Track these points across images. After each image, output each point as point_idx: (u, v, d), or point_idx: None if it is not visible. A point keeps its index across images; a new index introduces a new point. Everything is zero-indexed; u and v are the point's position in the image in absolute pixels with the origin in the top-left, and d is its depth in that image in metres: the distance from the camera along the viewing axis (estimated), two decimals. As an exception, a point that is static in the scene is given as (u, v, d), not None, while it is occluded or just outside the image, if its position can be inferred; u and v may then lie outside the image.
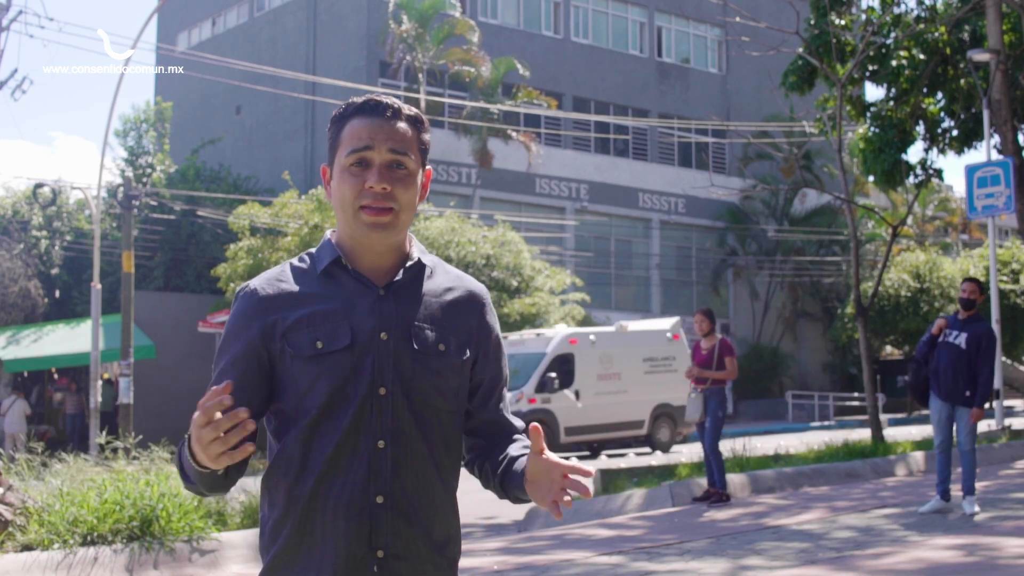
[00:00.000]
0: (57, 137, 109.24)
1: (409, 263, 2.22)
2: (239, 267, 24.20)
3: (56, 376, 30.30)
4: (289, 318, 2.15)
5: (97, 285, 21.80)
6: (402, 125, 2.19)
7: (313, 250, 2.27)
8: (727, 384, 11.17)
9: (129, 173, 30.52)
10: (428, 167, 2.27)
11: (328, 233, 2.28)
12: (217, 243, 29.88)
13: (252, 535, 8.32)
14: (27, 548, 7.41)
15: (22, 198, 32.90)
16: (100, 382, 22.23)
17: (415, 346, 2.16)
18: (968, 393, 8.82)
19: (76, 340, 26.16)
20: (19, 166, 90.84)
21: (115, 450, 9.06)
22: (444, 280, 2.27)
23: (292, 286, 2.18)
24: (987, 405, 16.06)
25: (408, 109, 2.22)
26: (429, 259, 2.27)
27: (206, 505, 8.49)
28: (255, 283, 2.21)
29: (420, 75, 31.01)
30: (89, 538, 7.49)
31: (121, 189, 22.79)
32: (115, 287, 28.93)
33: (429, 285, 2.24)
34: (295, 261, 2.25)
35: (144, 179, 31.92)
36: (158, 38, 40.99)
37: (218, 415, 1.88)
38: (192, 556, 7.74)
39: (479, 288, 2.31)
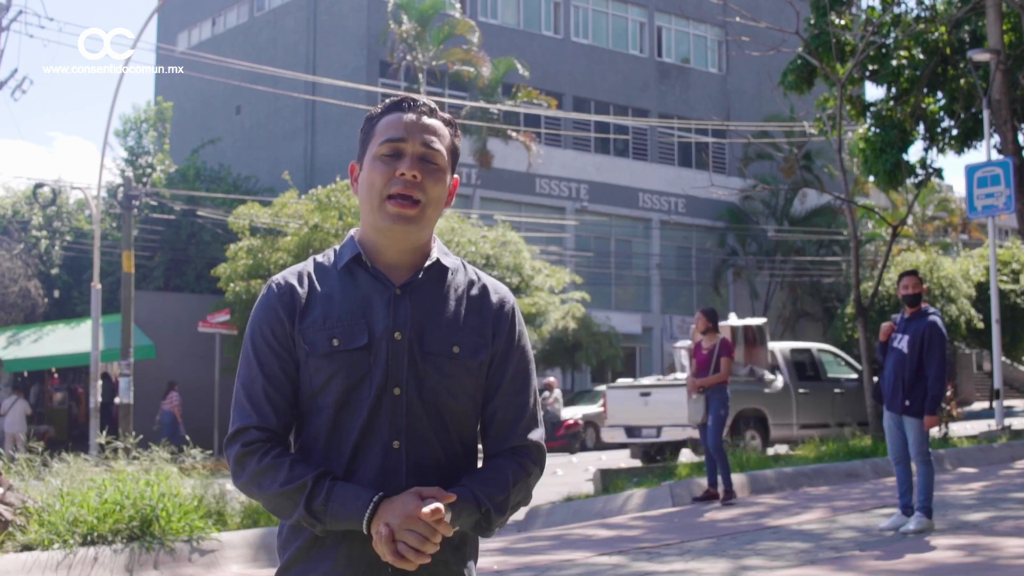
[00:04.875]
0: (56, 137, 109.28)
1: (428, 263, 2.21)
2: (239, 267, 24.18)
3: (56, 376, 30.31)
4: (307, 314, 2.15)
5: (97, 285, 21.79)
6: (437, 123, 2.21)
7: (338, 246, 2.28)
8: (729, 383, 11.16)
9: (129, 173, 30.51)
10: (456, 176, 2.27)
11: (352, 231, 2.28)
12: (217, 243, 29.87)
13: (252, 535, 8.32)
14: (27, 548, 7.41)
15: (22, 198, 32.90)
16: (100, 382, 22.24)
17: (426, 347, 2.15)
18: (908, 402, 8.15)
19: (76, 340, 26.15)
20: (19, 166, 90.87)
21: (115, 450, 9.05)
22: (466, 282, 2.25)
23: (313, 282, 2.19)
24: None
25: (443, 112, 2.25)
26: (451, 260, 2.25)
27: (206, 505, 8.49)
28: (278, 277, 2.23)
29: (420, 75, 31.01)
30: (89, 538, 7.49)
31: (121, 189, 22.78)
32: (115, 287, 28.93)
33: (449, 286, 2.22)
34: (319, 257, 2.26)
35: (144, 179, 31.90)
36: (158, 38, 41.00)
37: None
38: (192, 556, 7.74)
39: (503, 291, 2.28)
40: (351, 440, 2.11)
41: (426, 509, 1.99)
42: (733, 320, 17.55)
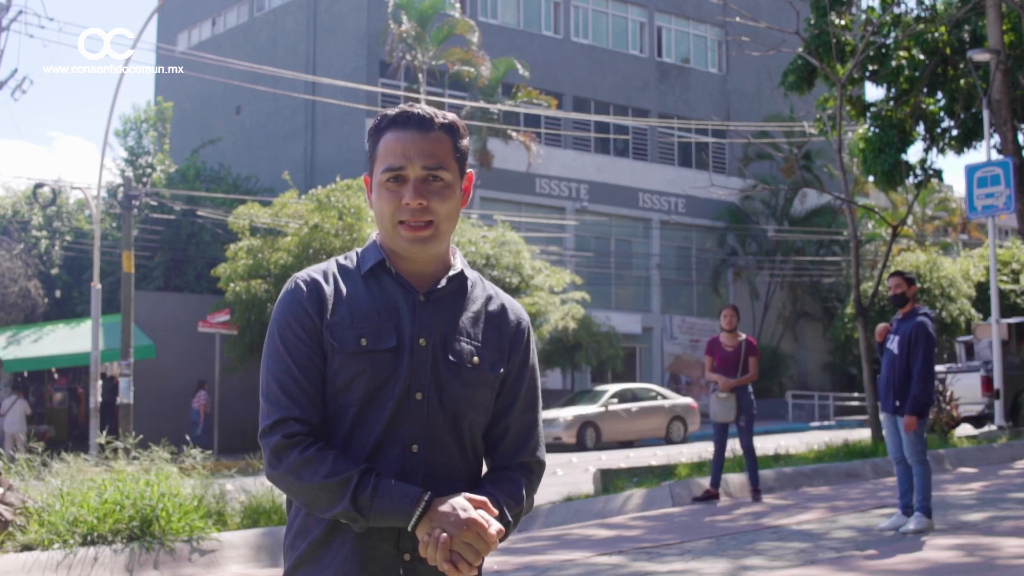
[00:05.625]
0: (56, 137, 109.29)
1: (452, 272, 2.24)
2: (239, 267, 24.17)
3: (56, 376, 30.31)
4: (334, 312, 2.16)
5: (97, 285, 21.79)
6: (436, 136, 2.19)
7: (359, 249, 2.29)
8: None
9: (129, 173, 30.52)
10: (469, 170, 2.27)
11: (374, 234, 2.29)
12: (217, 243, 29.87)
13: (252, 535, 8.32)
14: (27, 548, 7.41)
15: (22, 198, 32.90)
16: (100, 382, 22.24)
17: (450, 357, 2.17)
18: (898, 403, 8.24)
19: (76, 340, 26.15)
20: (19, 166, 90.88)
21: (115, 450, 9.05)
22: (484, 296, 2.28)
23: (338, 281, 2.21)
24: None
25: (442, 117, 2.21)
26: (472, 273, 2.28)
27: (206, 505, 8.49)
28: (303, 274, 2.23)
29: (420, 75, 31.01)
30: (89, 538, 7.49)
31: (121, 189, 22.78)
32: (115, 287, 28.93)
33: (470, 298, 2.25)
34: (340, 259, 2.27)
35: (144, 179, 31.91)
36: (158, 38, 41.00)
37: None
38: (192, 556, 7.74)
39: (520, 310, 2.32)
40: (371, 441, 2.13)
41: (492, 530, 2.02)
42: (1013, 319, 21.39)
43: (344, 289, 2.19)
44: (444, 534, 2.00)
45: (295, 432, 2.09)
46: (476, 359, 2.20)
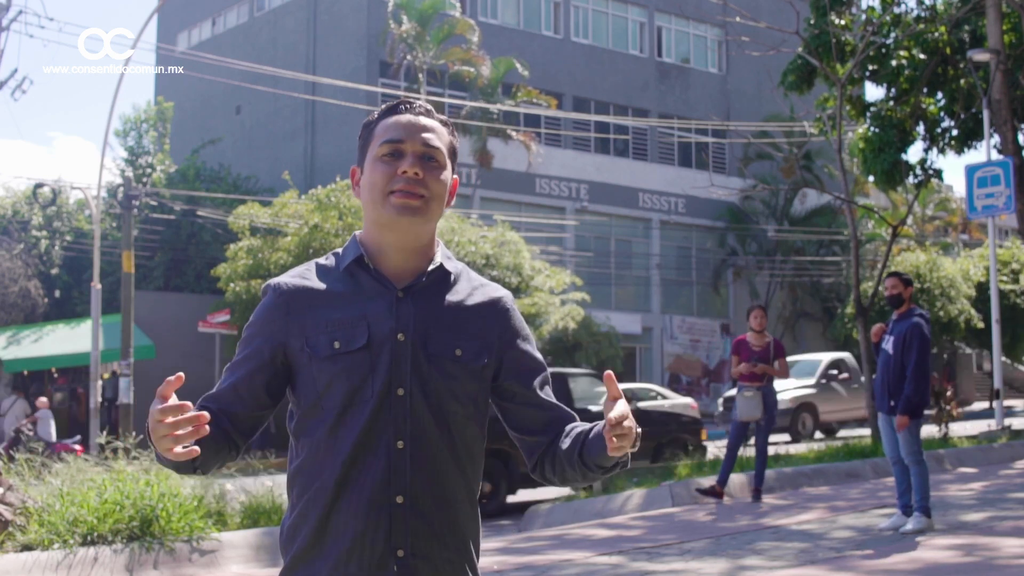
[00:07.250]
0: (56, 137, 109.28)
1: (432, 267, 2.24)
2: (239, 267, 24.17)
3: (56, 376, 30.31)
4: (309, 317, 2.18)
5: (97, 285, 21.80)
6: (434, 123, 2.26)
7: (340, 249, 2.30)
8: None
9: (129, 173, 30.53)
10: (455, 176, 2.30)
11: (356, 233, 2.30)
12: (217, 243, 29.87)
13: (252, 535, 8.33)
14: (27, 548, 7.41)
15: (22, 198, 32.91)
16: (100, 382, 22.24)
17: (430, 349, 2.17)
18: (893, 403, 8.26)
19: (76, 340, 26.16)
20: (19, 166, 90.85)
21: (115, 450, 9.05)
22: (467, 286, 2.28)
23: (315, 284, 2.22)
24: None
25: (438, 114, 2.30)
26: (453, 265, 2.28)
27: (206, 505, 8.49)
28: (280, 279, 2.25)
29: (420, 75, 31.01)
30: (89, 538, 7.49)
31: (121, 189, 22.78)
32: (115, 287, 28.93)
33: (451, 290, 2.25)
34: (322, 260, 2.29)
35: (144, 179, 31.91)
36: (158, 38, 40.99)
37: (170, 419, 1.97)
38: (192, 556, 7.74)
39: (502, 293, 2.32)
40: (353, 440, 2.13)
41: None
42: None
43: (320, 291, 2.20)
44: None
45: (201, 406, 2.22)
46: (459, 351, 2.19)
